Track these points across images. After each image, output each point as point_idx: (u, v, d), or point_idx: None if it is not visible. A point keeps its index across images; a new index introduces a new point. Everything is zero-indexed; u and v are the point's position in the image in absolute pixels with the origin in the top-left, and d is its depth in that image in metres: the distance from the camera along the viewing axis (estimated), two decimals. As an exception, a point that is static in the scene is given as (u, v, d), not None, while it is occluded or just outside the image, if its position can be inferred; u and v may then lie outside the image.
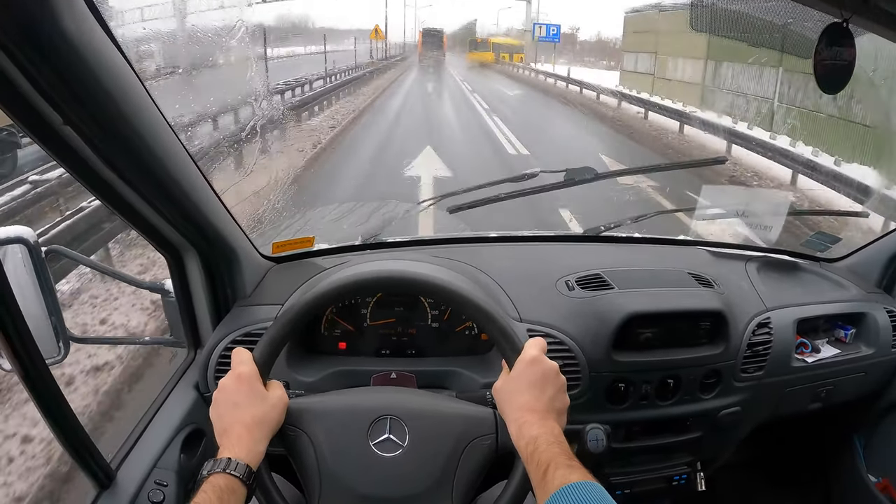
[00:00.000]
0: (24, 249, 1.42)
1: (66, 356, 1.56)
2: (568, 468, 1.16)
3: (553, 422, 1.31)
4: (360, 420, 1.41)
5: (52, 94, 1.09)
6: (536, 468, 1.19)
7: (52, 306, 1.48)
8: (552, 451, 1.21)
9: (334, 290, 1.48)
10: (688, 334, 2.04)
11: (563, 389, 1.39)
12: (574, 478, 1.13)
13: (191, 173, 1.59)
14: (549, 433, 1.26)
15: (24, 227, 1.46)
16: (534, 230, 2.72)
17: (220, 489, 1.17)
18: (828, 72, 1.53)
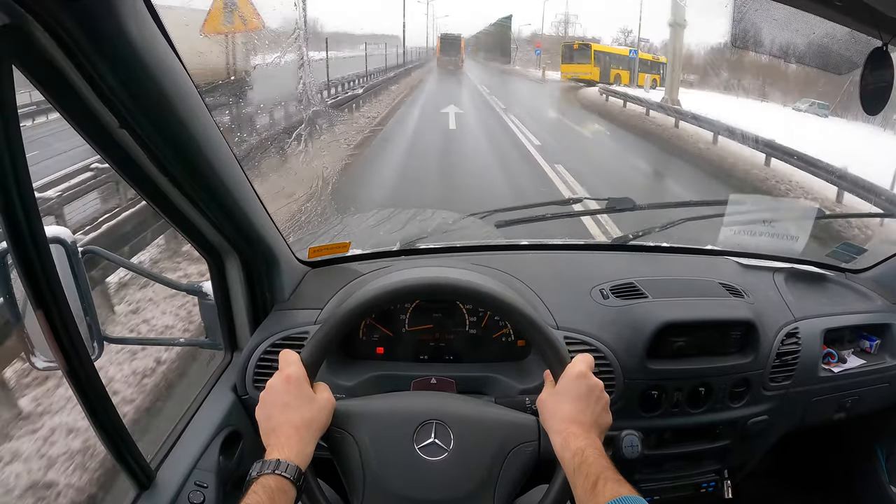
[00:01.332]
0: (61, 250, 1.42)
1: (100, 356, 1.56)
2: (617, 482, 1.18)
3: (596, 436, 1.32)
4: (406, 424, 1.41)
5: (111, 97, 1.10)
6: (585, 479, 1.20)
7: (88, 306, 1.49)
8: (601, 464, 1.22)
9: (383, 295, 1.49)
10: (719, 343, 2.04)
11: (606, 408, 1.40)
12: (624, 492, 1.15)
13: (238, 177, 1.60)
14: (594, 446, 1.27)
15: (61, 228, 1.47)
16: (566, 238, 2.73)
17: (272, 489, 1.17)
18: (873, 94, 1.54)
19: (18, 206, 0.99)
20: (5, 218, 0.98)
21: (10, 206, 0.98)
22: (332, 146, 10.47)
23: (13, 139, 0.94)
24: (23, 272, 1.05)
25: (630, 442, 1.54)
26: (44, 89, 1.05)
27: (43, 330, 1.12)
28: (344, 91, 19.66)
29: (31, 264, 1.05)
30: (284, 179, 4.60)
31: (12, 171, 0.95)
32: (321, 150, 7.42)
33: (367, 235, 2.93)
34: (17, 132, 0.95)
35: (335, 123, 10.55)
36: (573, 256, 2.59)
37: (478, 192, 10.43)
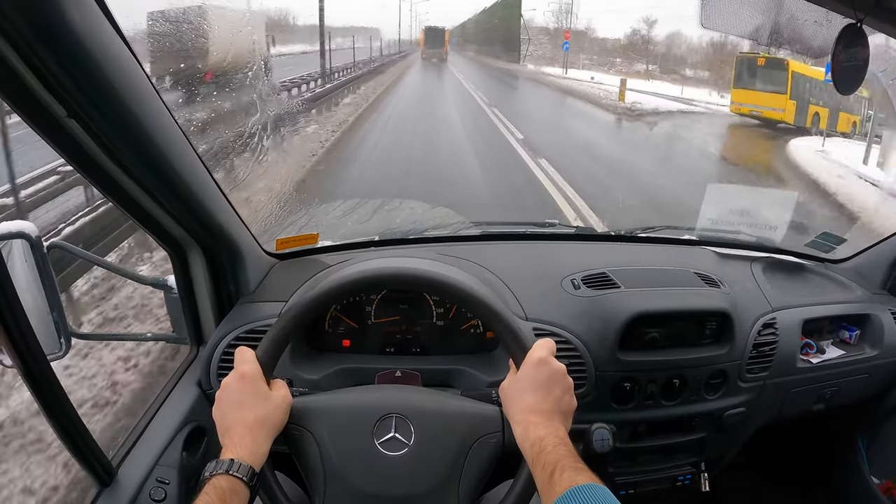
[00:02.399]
0: (25, 244, 1.41)
1: (67, 352, 1.55)
2: (574, 470, 1.15)
3: (559, 423, 1.30)
4: (365, 419, 1.39)
5: (56, 85, 1.08)
6: (542, 470, 1.18)
7: (54, 301, 1.47)
8: (559, 453, 1.19)
9: (338, 288, 1.46)
10: (693, 334, 2.03)
11: (570, 391, 1.37)
12: (581, 480, 1.12)
13: (195, 169, 1.58)
14: (555, 434, 1.25)
15: (25, 222, 1.44)
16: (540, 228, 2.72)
17: (223, 490, 1.15)
18: (845, 73, 1.52)
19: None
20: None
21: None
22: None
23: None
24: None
25: (601, 436, 1.51)
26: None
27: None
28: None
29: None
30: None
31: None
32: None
33: (335, 227, 2.91)
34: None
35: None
36: (546, 247, 2.57)
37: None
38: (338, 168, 11.75)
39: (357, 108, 18.92)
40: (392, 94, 25.43)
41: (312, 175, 10.86)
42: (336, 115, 17.17)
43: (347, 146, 13.73)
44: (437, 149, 14.39)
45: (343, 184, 10.41)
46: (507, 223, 2.84)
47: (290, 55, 29.34)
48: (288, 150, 10.65)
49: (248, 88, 6.64)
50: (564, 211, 9.03)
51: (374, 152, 13.41)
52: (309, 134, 13.79)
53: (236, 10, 9.53)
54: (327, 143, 13.51)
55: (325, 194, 9.32)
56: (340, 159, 12.43)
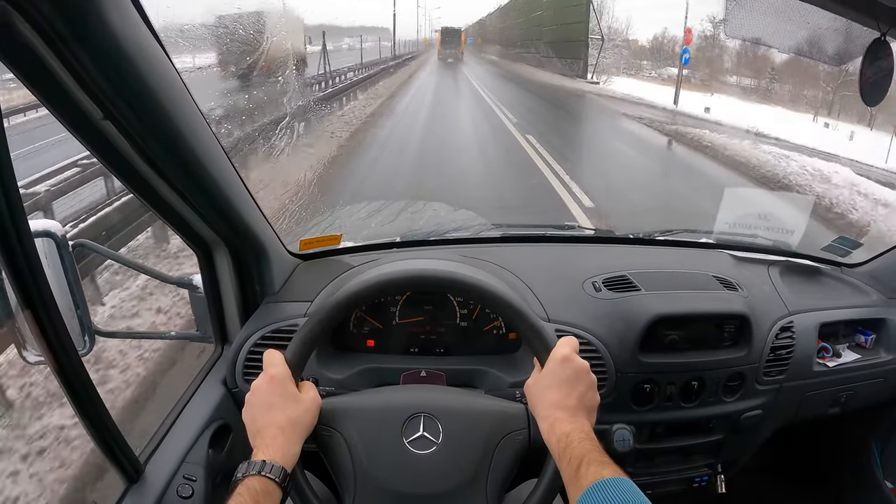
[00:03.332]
0: (51, 243, 1.41)
1: (91, 349, 1.56)
2: (600, 464, 1.17)
3: (584, 419, 1.32)
4: (394, 418, 1.41)
5: (94, 88, 1.09)
6: (569, 464, 1.19)
7: (79, 300, 1.48)
8: (584, 447, 1.21)
9: (367, 289, 1.48)
10: (712, 337, 2.03)
11: (593, 387, 1.39)
12: (607, 473, 1.14)
13: (225, 169, 1.59)
14: (581, 430, 1.27)
15: (51, 221, 1.46)
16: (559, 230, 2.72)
17: (256, 492, 1.16)
18: (871, 85, 1.53)
19: (1, 199, 0.96)
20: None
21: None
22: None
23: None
24: (8, 269, 1.03)
25: (621, 436, 1.52)
26: (25, 79, 1.04)
27: (30, 327, 1.11)
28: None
29: (16, 261, 1.03)
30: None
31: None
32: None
33: (358, 228, 2.91)
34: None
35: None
36: (566, 249, 2.58)
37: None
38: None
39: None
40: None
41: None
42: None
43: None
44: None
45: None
46: (527, 225, 2.85)
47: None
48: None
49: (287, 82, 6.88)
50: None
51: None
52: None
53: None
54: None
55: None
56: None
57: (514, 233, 2.69)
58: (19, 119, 11.82)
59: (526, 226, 2.87)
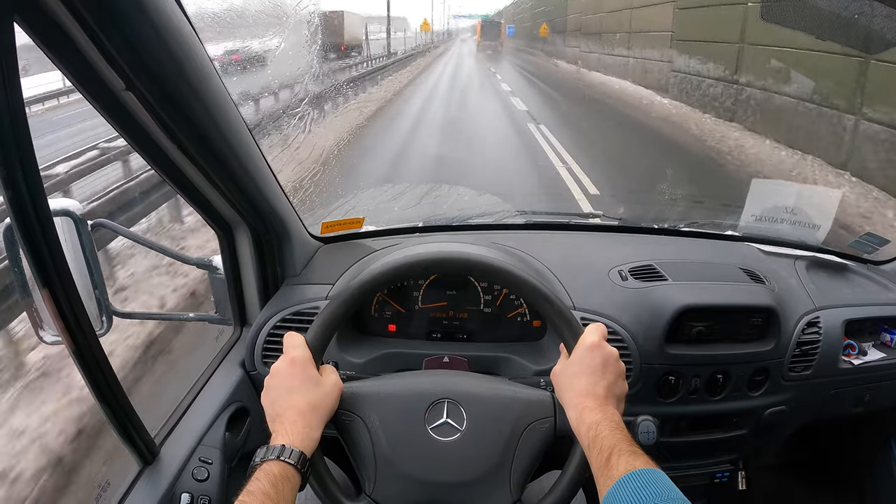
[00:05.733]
0: (69, 222, 1.40)
1: (108, 330, 1.55)
2: (632, 454, 1.14)
3: (613, 408, 1.29)
4: (417, 404, 1.38)
5: (116, 57, 1.07)
6: (599, 454, 1.17)
7: (97, 280, 1.46)
8: (615, 437, 1.19)
9: (393, 270, 1.45)
10: (739, 330, 1.98)
11: (622, 376, 1.36)
12: (638, 464, 1.11)
13: (249, 148, 1.57)
14: (611, 419, 1.24)
15: (70, 200, 1.45)
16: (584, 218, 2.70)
17: (274, 476, 1.13)
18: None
19: (21, 179, 0.95)
20: (8, 192, 0.95)
21: (13, 181, 0.94)
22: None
23: (15, 104, 0.90)
24: (27, 250, 1.02)
25: (646, 428, 1.49)
26: (47, 49, 1.02)
27: (48, 307, 1.09)
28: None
29: (36, 241, 1.02)
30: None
31: (14, 142, 0.92)
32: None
33: (381, 211, 2.89)
34: (18, 96, 0.90)
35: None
36: (592, 237, 2.55)
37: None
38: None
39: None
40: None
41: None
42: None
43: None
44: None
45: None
46: (551, 213, 2.81)
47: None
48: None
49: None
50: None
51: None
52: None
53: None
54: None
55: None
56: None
57: (539, 220, 2.65)
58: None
59: (550, 213, 2.83)
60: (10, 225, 1.30)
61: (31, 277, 1.29)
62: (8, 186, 0.94)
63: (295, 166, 3.12)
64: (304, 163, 3.56)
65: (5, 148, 0.91)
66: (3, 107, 0.89)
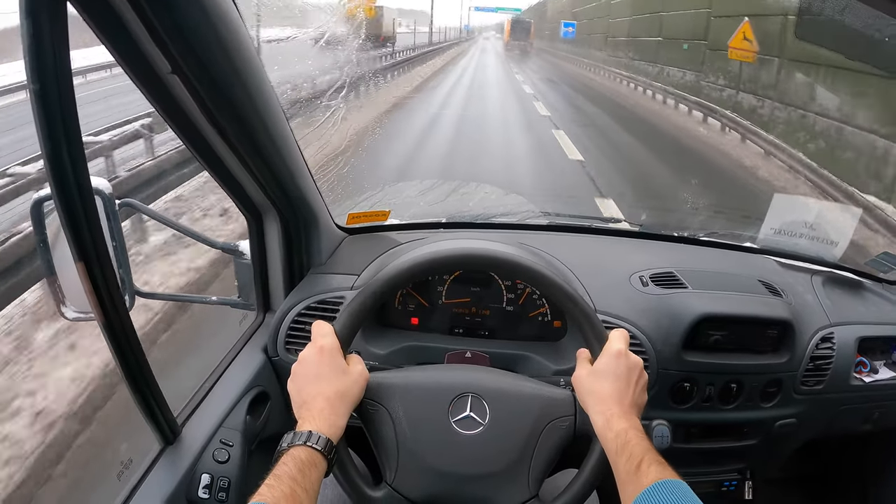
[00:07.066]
0: (98, 202, 1.41)
1: (131, 309, 1.55)
2: (661, 465, 1.16)
3: (635, 417, 1.29)
4: (442, 397, 1.39)
5: (166, 41, 1.07)
6: (628, 461, 1.17)
7: (122, 258, 1.46)
8: (643, 446, 1.20)
9: (425, 264, 1.47)
10: (755, 341, 1.98)
11: (645, 386, 1.37)
12: (667, 475, 1.13)
13: (286, 136, 1.57)
14: (636, 427, 1.25)
15: (99, 179, 1.45)
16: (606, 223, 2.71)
17: (301, 462, 1.13)
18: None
19: (66, 154, 0.96)
20: (51, 166, 0.95)
21: (57, 155, 0.95)
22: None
23: (64, 82, 0.90)
24: (67, 223, 1.02)
25: (660, 432, 1.51)
26: (98, 29, 1.02)
27: (82, 281, 1.09)
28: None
29: (76, 215, 1.02)
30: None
31: (61, 118, 0.92)
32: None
33: (407, 205, 2.89)
34: (68, 75, 0.91)
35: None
36: (614, 241, 2.55)
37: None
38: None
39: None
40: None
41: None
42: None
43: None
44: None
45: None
46: (574, 216, 2.81)
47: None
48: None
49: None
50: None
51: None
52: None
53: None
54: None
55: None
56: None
57: (562, 222, 2.65)
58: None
59: (573, 216, 2.83)
60: (40, 200, 1.33)
61: (58, 256, 1.32)
62: (51, 161, 0.95)
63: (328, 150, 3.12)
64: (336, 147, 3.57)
65: (51, 124, 0.91)
66: (52, 84, 0.89)
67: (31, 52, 0.86)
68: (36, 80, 0.88)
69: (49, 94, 0.90)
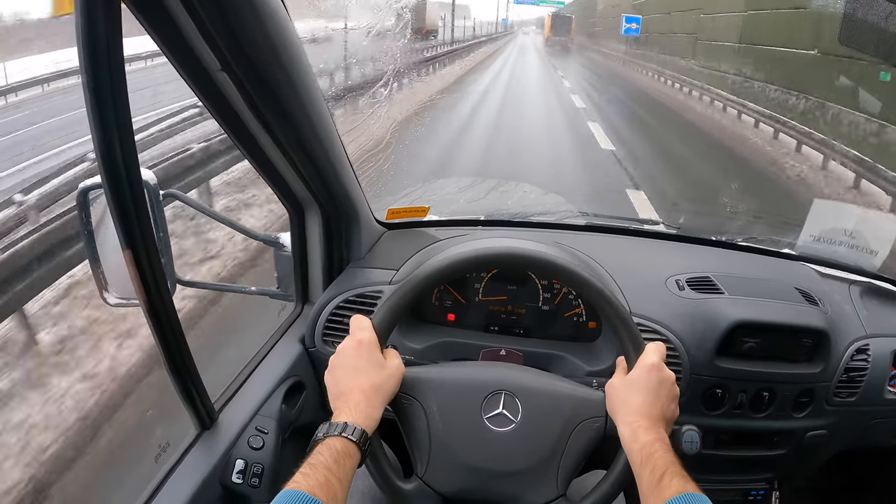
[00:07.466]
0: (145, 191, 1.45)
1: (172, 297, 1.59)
2: (683, 478, 1.16)
3: (662, 430, 1.30)
4: (475, 393, 1.41)
5: (216, 38, 1.10)
6: (651, 473, 1.18)
7: (165, 248, 1.49)
8: (668, 459, 1.20)
9: (463, 262, 1.49)
10: (789, 349, 1.95)
11: (675, 400, 1.38)
12: (689, 488, 1.13)
13: (329, 130, 1.59)
14: (663, 441, 1.26)
15: (145, 170, 1.49)
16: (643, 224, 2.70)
17: (337, 451, 1.16)
18: None
19: (117, 145, 0.98)
20: (102, 157, 0.98)
21: (109, 146, 0.98)
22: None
23: (117, 76, 0.93)
24: (116, 212, 1.05)
25: (690, 437, 1.50)
26: (149, 26, 1.05)
27: (128, 268, 1.12)
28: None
29: (125, 205, 1.05)
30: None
31: (113, 110, 0.95)
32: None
33: (446, 202, 2.90)
34: (121, 69, 0.93)
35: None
36: (650, 244, 2.54)
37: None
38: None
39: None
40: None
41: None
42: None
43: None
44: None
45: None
46: (612, 217, 2.81)
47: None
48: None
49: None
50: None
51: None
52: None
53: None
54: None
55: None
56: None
57: (599, 222, 2.64)
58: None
59: (611, 217, 2.83)
60: (86, 188, 1.36)
61: (103, 243, 1.35)
62: (102, 152, 0.97)
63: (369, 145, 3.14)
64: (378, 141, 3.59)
65: (104, 116, 0.94)
66: (104, 78, 0.92)
67: (86, 47, 0.89)
68: (90, 73, 0.91)
69: (102, 88, 0.93)
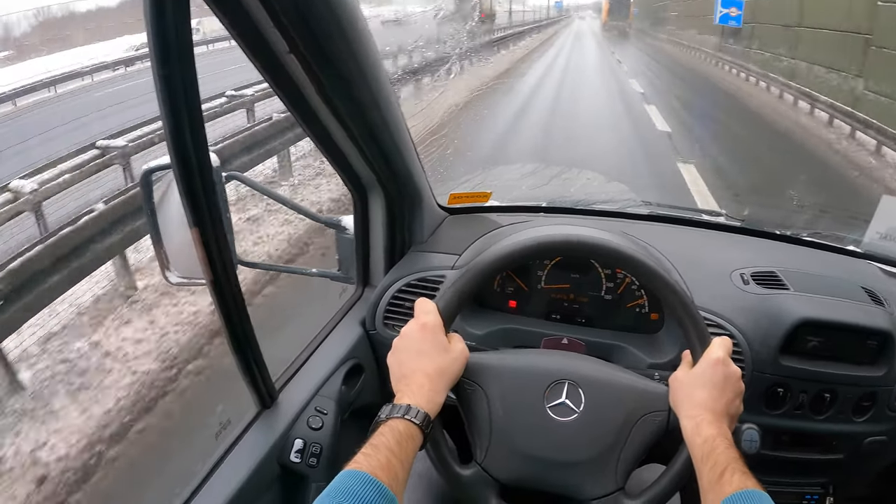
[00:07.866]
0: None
1: None
2: (744, 474, 1.14)
3: (726, 426, 1.28)
4: (538, 382, 1.40)
5: (284, 21, 1.10)
6: (712, 468, 1.17)
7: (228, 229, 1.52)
8: (730, 455, 1.18)
9: (530, 248, 1.48)
10: (853, 350, 1.88)
11: (740, 396, 1.36)
12: (750, 485, 1.12)
13: (395, 114, 1.59)
14: (725, 436, 1.24)
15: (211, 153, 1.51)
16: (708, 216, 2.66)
17: (399, 433, 1.16)
18: None
19: (187, 129, 1.01)
20: (173, 140, 1.01)
21: (179, 130, 1.00)
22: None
23: (185, 61, 0.95)
24: (185, 192, 1.07)
25: (750, 436, 1.47)
26: (219, 11, 1.06)
27: (196, 248, 1.14)
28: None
29: (194, 186, 1.07)
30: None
31: (184, 95, 0.97)
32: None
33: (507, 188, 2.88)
34: (190, 54, 0.95)
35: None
36: (714, 236, 2.49)
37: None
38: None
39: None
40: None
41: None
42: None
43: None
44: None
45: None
46: (676, 206, 2.77)
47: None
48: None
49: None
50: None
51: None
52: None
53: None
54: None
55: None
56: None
57: (663, 212, 2.60)
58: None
59: (675, 207, 2.78)
60: (149, 170, 1.40)
61: (167, 224, 1.38)
62: (172, 135, 1.00)
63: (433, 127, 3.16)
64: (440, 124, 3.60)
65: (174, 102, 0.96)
66: (174, 63, 0.93)
67: (156, 36, 0.91)
68: (160, 61, 0.93)
69: (172, 74, 0.94)
